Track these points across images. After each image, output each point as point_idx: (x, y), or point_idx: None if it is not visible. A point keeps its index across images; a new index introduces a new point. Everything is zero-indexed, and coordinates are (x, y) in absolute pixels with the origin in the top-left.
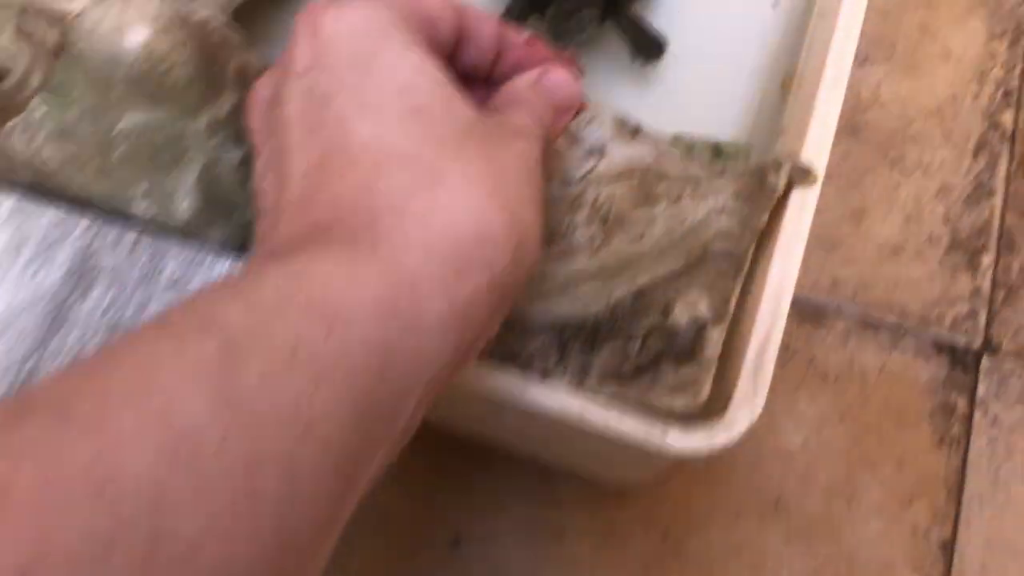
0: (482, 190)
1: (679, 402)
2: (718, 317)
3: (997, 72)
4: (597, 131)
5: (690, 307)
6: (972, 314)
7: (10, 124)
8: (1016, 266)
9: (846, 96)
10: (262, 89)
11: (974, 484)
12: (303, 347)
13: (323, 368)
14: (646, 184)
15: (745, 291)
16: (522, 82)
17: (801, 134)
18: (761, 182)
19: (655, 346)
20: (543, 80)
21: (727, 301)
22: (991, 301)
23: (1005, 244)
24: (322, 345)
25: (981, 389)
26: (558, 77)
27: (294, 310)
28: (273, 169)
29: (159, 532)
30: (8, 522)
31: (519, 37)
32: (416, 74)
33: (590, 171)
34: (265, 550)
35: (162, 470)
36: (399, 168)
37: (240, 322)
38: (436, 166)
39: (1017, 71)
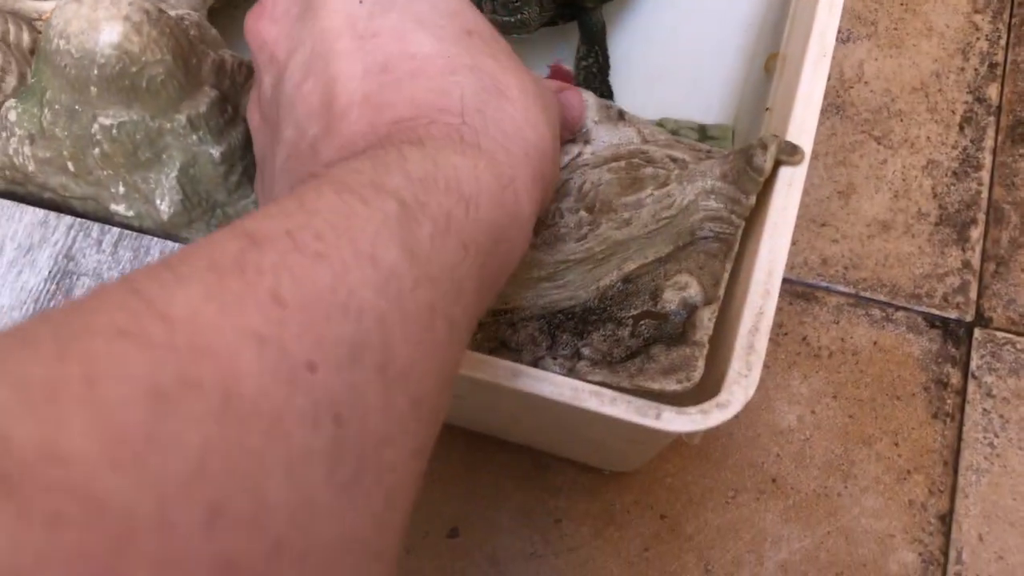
0: (535, 104)
1: (672, 383)
2: (709, 299)
3: (981, 45)
4: None
5: (680, 291)
6: (963, 287)
7: None
8: (1005, 238)
9: (830, 74)
10: (281, 3)
11: (970, 456)
12: (453, 220)
13: (466, 239)
14: (632, 169)
15: (736, 272)
16: (550, 81)
17: (787, 113)
18: (748, 163)
19: (646, 331)
20: (561, 94)
21: (717, 283)
22: (981, 274)
23: (994, 217)
24: (464, 220)
25: (974, 361)
26: (573, 97)
27: (441, 188)
28: (315, 73)
29: (388, 350)
30: (289, 327)
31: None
32: (460, 3)
33: (576, 157)
34: (438, 382)
35: (381, 301)
36: (468, 76)
37: (405, 189)
38: (497, 78)
39: (1001, 43)
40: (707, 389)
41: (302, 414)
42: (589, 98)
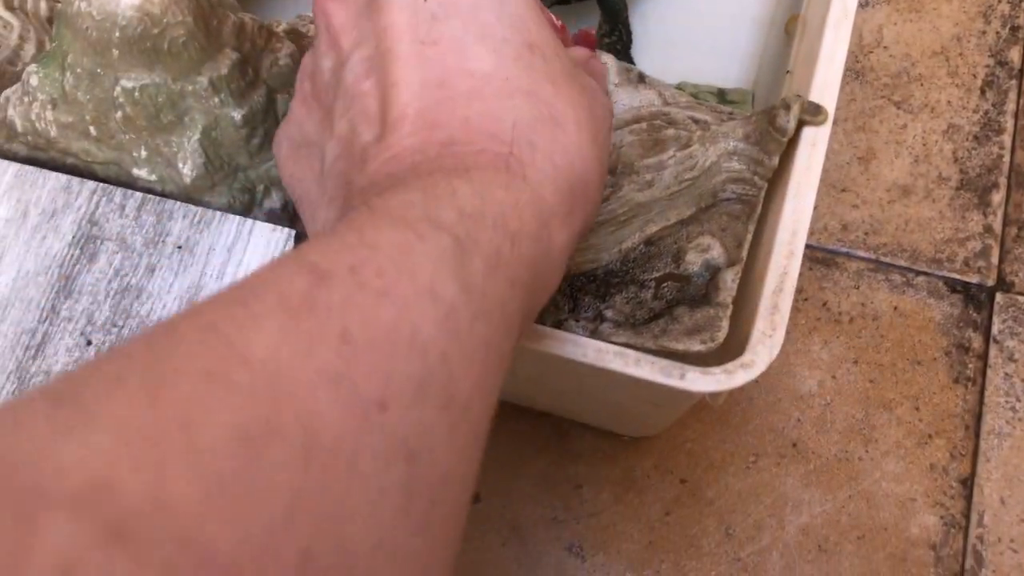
0: (587, 134)
1: (696, 344)
2: (732, 261)
3: (1003, 8)
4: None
5: (702, 252)
6: (984, 252)
7: (6, 93)
8: None
9: (849, 39)
10: None
11: (992, 420)
12: (501, 256)
13: (512, 276)
14: (654, 131)
15: (759, 233)
16: (578, 52)
17: (809, 74)
18: (771, 123)
19: (668, 292)
20: (591, 61)
21: (740, 245)
22: (1003, 238)
23: (1016, 181)
24: (510, 257)
25: (996, 326)
26: (597, 66)
27: (489, 224)
28: (376, 73)
29: (451, 385)
30: (359, 365)
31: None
32: (526, 9)
33: None
34: (490, 414)
35: (443, 337)
36: (524, 103)
37: (458, 225)
38: (553, 105)
39: None
40: (731, 350)
41: (376, 453)
42: (609, 61)
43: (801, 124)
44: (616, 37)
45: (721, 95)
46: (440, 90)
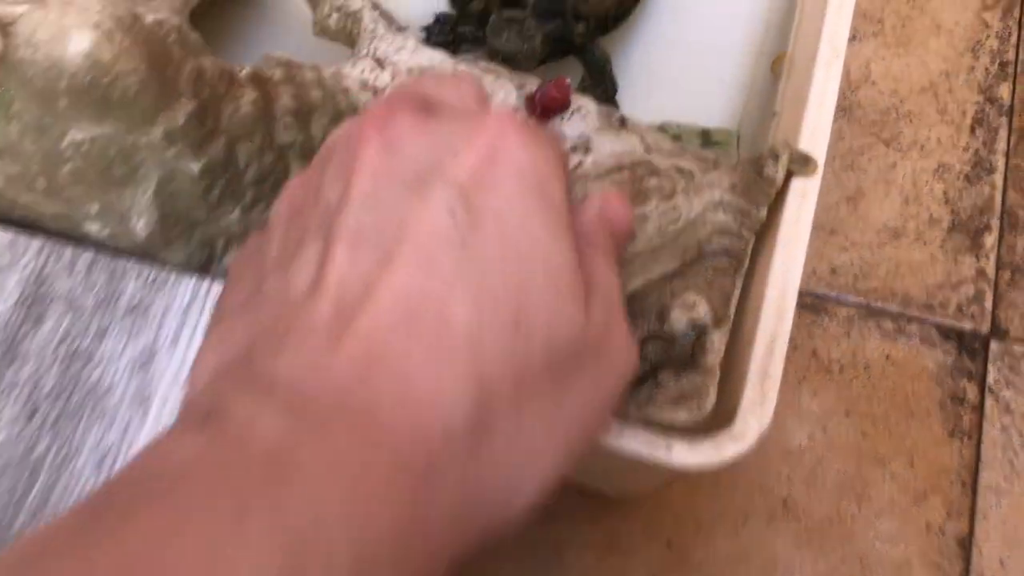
0: (521, 473)
1: (682, 414)
2: (719, 319)
3: (991, 43)
4: (580, 124)
5: (688, 310)
6: (978, 297)
7: None
8: (1021, 245)
9: (839, 81)
10: (412, 138)
11: (989, 475)
12: None
13: None
14: (636, 181)
15: (746, 290)
16: (591, 220)
17: (797, 118)
18: (758, 173)
19: (653, 354)
20: (599, 263)
21: (727, 302)
22: (996, 283)
23: (1008, 222)
24: None
25: (991, 375)
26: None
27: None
28: (374, 260)
29: None
30: None
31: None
32: (544, 273)
33: (575, 168)
34: None
35: None
36: (471, 395)
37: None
38: (499, 409)
39: (1012, 41)
40: (719, 415)
41: None
42: (590, 105)
43: (790, 173)
44: (601, 90)
45: (705, 136)
46: (406, 322)
